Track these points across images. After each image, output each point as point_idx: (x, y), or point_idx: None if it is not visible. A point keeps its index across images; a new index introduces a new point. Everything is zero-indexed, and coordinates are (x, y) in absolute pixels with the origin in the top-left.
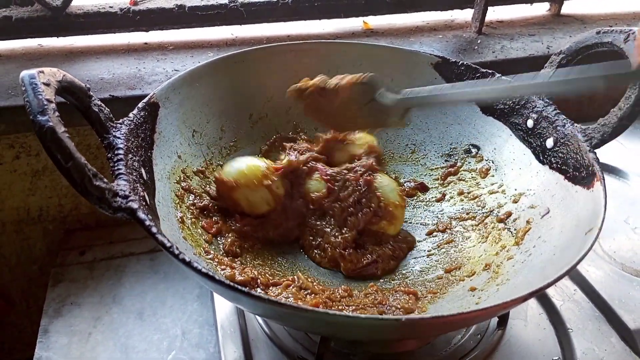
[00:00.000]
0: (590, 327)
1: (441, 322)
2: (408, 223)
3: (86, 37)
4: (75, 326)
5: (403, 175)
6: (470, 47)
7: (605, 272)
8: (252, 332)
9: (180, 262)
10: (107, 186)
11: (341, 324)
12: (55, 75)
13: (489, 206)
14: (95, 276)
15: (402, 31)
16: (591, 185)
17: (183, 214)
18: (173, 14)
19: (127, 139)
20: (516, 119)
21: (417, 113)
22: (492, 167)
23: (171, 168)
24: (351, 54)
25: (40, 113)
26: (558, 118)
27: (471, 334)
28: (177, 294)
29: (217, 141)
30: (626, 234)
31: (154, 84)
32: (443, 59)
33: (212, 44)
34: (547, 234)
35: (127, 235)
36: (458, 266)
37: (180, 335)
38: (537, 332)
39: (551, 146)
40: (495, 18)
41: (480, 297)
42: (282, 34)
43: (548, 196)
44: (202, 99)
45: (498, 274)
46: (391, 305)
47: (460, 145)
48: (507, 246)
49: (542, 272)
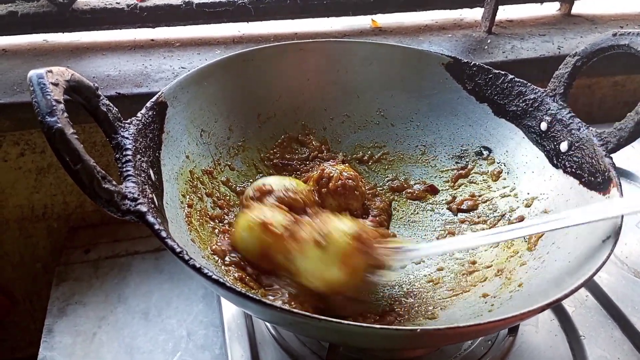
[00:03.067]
0: (602, 334)
1: (457, 333)
2: (419, 225)
3: (92, 33)
4: (80, 326)
5: (413, 177)
6: (480, 47)
7: (618, 278)
8: (260, 334)
9: (191, 268)
10: (116, 189)
11: (354, 334)
12: (63, 74)
13: (501, 210)
14: (100, 275)
15: (410, 30)
16: (607, 191)
17: (191, 215)
18: (180, 10)
19: (135, 139)
20: (529, 122)
21: (428, 114)
22: (504, 170)
23: (179, 168)
24: (360, 53)
25: (49, 114)
26: (573, 121)
27: (482, 340)
28: (182, 294)
29: (225, 141)
30: (638, 239)
31: (160, 81)
32: (455, 60)
33: (219, 41)
34: (561, 240)
35: (132, 233)
36: (469, 272)
37: (185, 337)
38: (548, 339)
39: (565, 150)
40: (505, 17)
41: (493, 304)
42: (290, 32)
43: (562, 201)
44: (210, 98)
45: (511, 280)
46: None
47: (472, 147)
48: (520, 251)
49: (557, 279)
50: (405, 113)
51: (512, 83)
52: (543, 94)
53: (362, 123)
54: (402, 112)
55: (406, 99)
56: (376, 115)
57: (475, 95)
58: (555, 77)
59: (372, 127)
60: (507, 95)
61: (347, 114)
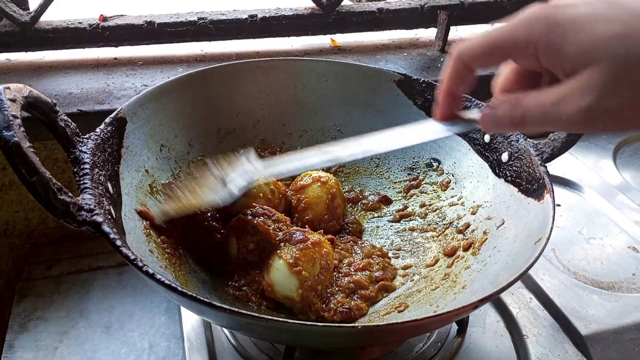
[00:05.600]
0: (544, 333)
1: (396, 329)
2: (373, 235)
3: (55, 51)
4: (41, 341)
5: (367, 188)
6: (433, 65)
7: (560, 280)
8: (219, 343)
9: (144, 275)
10: (72, 200)
11: (300, 332)
12: (21, 91)
13: (449, 218)
14: (62, 290)
15: (369, 48)
16: (542, 198)
17: (150, 227)
18: (142, 30)
19: (93, 153)
20: (474, 134)
21: (381, 128)
22: (452, 180)
23: (138, 182)
24: (317, 70)
25: (6, 128)
26: (512, 133)
27: (432, 341)
28: (145, 307)
29: (184, 155)
30: (580, 244)
31: (122, 98)
32: (405, 77)
33: (181, 59)
34: (502, 243)
35: (95, 249)
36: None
37: (147, 349)
38: (494, 339)
39: (506, 160)
40: (458, 37)
41: (439, 305)
42: (252, 50)
43: (503, 208)
44: (170, 114)
45: (456, 283)
46: None
47: (422, 159)
48: (465, 256)
49: (495, 279)
50: (361, 128)
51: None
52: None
53: (319, 137)
54: (358, 126)
55: (361, 114)
56: (333, 130)
57: (425, 110)
58: None
59: (329, 141)
60: None
61: (305, 129)
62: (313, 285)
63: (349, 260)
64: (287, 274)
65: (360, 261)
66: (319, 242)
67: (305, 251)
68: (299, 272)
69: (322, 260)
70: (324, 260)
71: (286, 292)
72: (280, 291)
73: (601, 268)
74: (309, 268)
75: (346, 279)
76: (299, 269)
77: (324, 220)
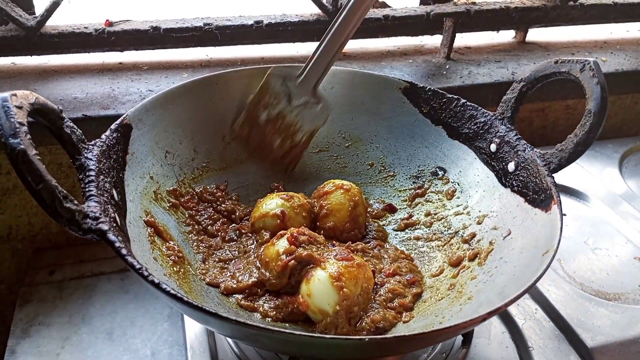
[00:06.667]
0: (550, 345)
1: (404, 341)
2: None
3: (60, 56)
4: (43, 347)
5: (372, 196)
6: (439, 72)
7: (566, 291)
8: (222, 352)
9: (150, 284)
10: (78, 208)
11: (307, 344)
12: (27, 97)
13: (455, 227)
14: (64, 296)
15: (374, 55)
16: (549, 208)
17: (154, 234)
18: (148, 35)
19: (98, 160)
20: (480, 143)
21: (387, 136)
22: (457, 189)
23: (143, 189)
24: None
25: (12, 136)
26: (519, 143)
27: (437, 352)
28: (147, 314)
29: (189, 162)
30: (586, 254)
31: (127, 103)
32: (411, 84)
33: (186, 64)
34: (508, 254)
35: (97, 254)
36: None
37: (149, 356)
38: (499, 350)
39: (513, 170)
40: (464, 44)
41: (444, 316)
42: (257, 56)
43: (510, 218)
44: (175, 121)
45: (462, 293)
46: None
47: (428, 168)
48: (471, 266)
49: (502, 291)
50: (366, 135)
51: (464, 107)
52: (492, 117)
53: (324, 144)
54: (363, 134)
55: (366, 122)
56: (338, 137)
57: (430, 118)
58: (504, 102)
59: (334, 148)
60: (460, 119)
61: None
62: (350, 305)
63: (379, 267)
64: (329, 287)
65: (390, 266)
66: (364, 264)
67: (349, 269)
68: (341, 287)
69: (364, 283)
70: (365, 284)
71: (323, 305)
72: (317, 303)
73: (607, 279)
74: (351, 286)
75: (382, 289)
76: (341, 284)
77: (346, 229)
